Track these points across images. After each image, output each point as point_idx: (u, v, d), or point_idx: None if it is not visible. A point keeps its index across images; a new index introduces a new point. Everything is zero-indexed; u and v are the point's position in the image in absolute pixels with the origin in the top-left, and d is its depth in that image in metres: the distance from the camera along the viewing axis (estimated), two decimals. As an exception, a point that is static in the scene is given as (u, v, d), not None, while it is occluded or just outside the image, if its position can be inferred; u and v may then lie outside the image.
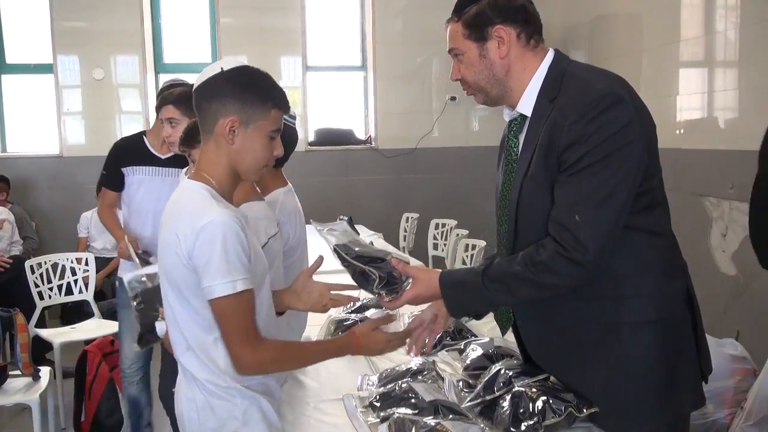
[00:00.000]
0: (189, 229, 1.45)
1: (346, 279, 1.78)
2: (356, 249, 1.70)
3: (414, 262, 4.30)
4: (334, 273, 2.04)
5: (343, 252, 1.70)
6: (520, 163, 1.62)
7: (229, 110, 1.51)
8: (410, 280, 1.69)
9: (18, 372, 3.12)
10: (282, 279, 2.01)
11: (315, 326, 2.55)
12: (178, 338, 1.56)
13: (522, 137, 1.64)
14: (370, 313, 2.61)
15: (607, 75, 1.55)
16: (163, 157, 3.12)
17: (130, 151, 3.13)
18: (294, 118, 2.30)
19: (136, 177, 3.10)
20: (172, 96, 2.83)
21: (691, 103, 4.27)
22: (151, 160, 3.10)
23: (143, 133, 3.24)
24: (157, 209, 1.64)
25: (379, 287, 1.68)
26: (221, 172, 1.55)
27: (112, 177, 3.14)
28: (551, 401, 1.54)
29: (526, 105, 1.61)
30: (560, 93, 1.53)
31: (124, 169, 3.10)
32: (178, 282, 1.50)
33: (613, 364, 1.55)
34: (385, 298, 1.70)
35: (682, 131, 4.28)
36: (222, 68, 1.55)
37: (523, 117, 1.63)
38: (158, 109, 2.92)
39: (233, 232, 1.44)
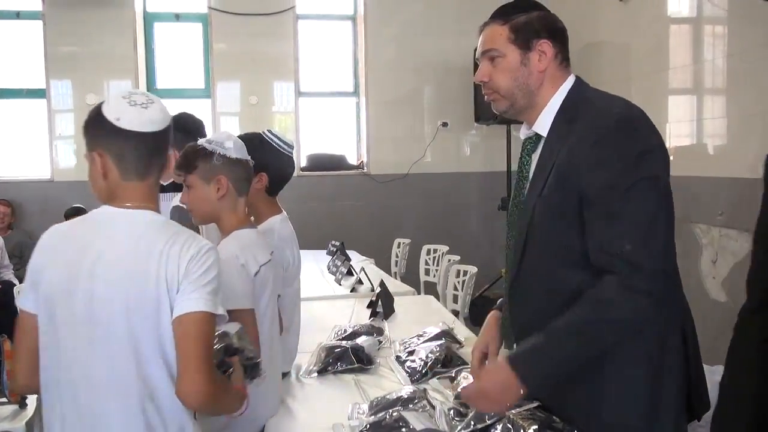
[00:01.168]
0: (191, 248, 1.43)
1: (341, 304, 1.77)
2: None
3: (395, 286, 4.30)
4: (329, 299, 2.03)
5: None
6: (533, 183, 1.62)
7: None
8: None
9: (4, 399, 3.08)
10: (275, 308, 2.00)
11: (306, 353, 2.54)
12: (133, 382, 1.43)
13: (535, 156, 1.64)
14: (362, 339, 2.60)
15: (627, 102, 1.57)
16: (164, 183, 3.30)
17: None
18: (291, 147, 2.32)
19: None
20: None
21: (680, 130, 4.31)
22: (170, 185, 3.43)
23: None
24: None
25: (248, 377, 1.61)
26: None
27: None
28: (542, 430, 1.53)
29: (543, 124, 1.62)
30: (578, 117, 1.55)
31: None
32: (154, 316, 1.42)
33: (599, 392, 1.54)
34: (257, 377, 1.63)
35: (671, 158, 4.31)
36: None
37: (538, 136, 1.65)
38: None
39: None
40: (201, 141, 1.93)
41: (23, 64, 6.17)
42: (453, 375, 2.28)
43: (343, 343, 2.55)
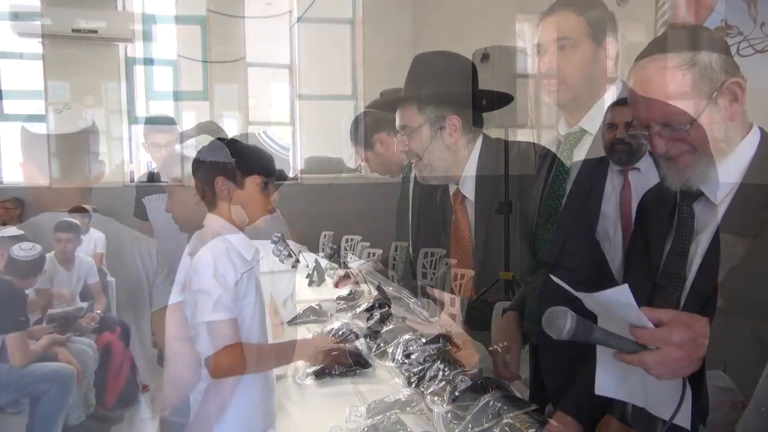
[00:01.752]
0: (152, 245, 1.66)
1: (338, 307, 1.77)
2: None
3: (393, 289, 4.29)
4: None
5: None
6: (579, 178, 1.59)
7: None
8: None
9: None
10: (263, 315, 1.99)
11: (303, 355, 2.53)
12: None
13: (578, 151, 1.61)
14: (359, 342, 2.59)
15: None
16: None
17: (145, 182, 3.72)
18: (287, 149, 2.32)
19: (149, 204, 3.55)
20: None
21: (678, 134, 4.31)
22: (158, 187, 3.47)
23: None
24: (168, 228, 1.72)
25: None
26: None
27: (138, 208, 3.63)
28: (541, 434, 1.53)
29: (592, 122, 1.60)
30: None
31: (143, 200, 3.57)
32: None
33: None
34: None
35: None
36: None
37: (581, 132, 1.62)
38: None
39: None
40: (179, 146, 1.92)
41: (22, 65, 6.17)
42: (450, 378, 2.28)
43: (341, 345, 2.54)
